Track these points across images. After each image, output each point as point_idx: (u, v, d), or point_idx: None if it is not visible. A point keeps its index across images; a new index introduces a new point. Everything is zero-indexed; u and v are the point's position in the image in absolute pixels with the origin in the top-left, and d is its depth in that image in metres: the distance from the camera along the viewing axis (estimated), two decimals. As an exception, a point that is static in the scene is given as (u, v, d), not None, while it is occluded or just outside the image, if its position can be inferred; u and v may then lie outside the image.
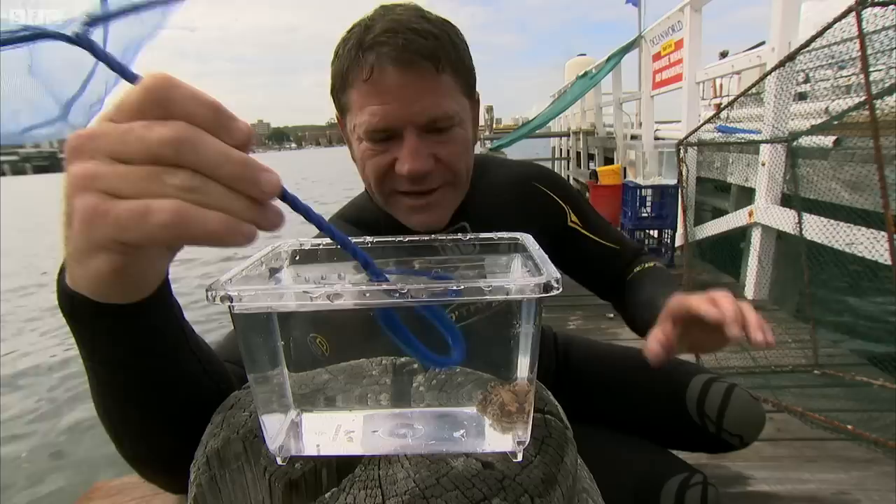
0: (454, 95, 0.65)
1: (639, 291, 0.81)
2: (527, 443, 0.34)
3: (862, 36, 1.32)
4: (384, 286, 0.27)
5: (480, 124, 0.88)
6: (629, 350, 0.95)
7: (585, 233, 0.86)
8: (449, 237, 0.40)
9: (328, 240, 0.41)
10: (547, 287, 0.28)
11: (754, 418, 0.83)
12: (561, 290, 0.28)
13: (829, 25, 1.46)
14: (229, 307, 0.29)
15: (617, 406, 0.89)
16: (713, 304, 0.53)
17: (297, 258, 0.40)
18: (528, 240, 0.38)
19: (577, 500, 0.41)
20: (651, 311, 0.69)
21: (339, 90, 0.67)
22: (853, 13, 1.33)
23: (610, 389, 0.91)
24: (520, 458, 0.34)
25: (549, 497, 0.33)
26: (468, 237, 0.40)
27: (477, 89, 0.73)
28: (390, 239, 0.41)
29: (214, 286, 0.29)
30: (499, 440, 0.35)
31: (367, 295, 0.27)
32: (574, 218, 0.86)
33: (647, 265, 0.85)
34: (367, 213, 0.78)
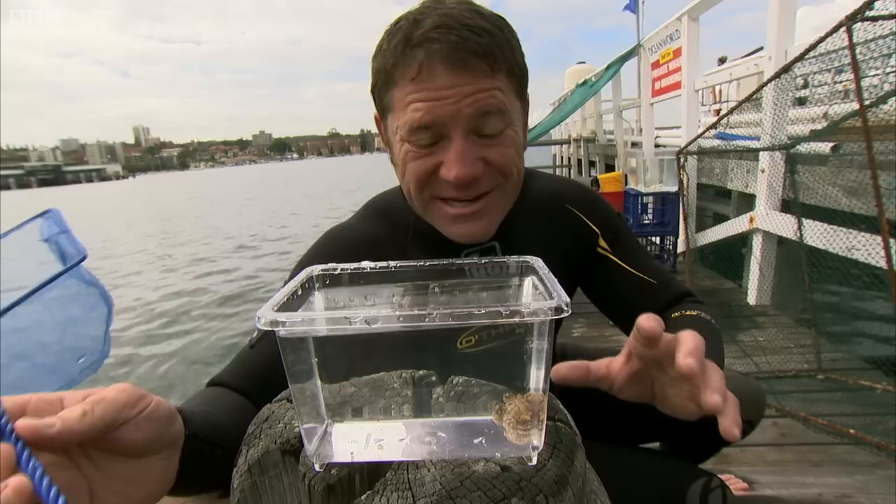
0: (507, 97, 0.61)
1: None
2: (540, 448, 0.38)
3: (853, 49, 1.37)
4: (416, 310, 0.31)
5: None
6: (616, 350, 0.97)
7: (615, 259, 0.77)
8: (465, 261, 0.44)
9: (354, 265, 0.46)
10: (558, 310, 0.31)
11: (749, 392, 0.78)
12: (570, 312, 0.32)
13: (821, 39, 1.51)
14: (276, 332, 0.33)
15: (614, 405, 0.92)
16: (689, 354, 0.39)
17: (328, 282, 0.44)
18: (537, 262, 0.42)
19: (586, 500, 0.44)
20: None
21: (382, 88, 0.62)
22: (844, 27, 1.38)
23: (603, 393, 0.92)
24: (534, 461, 0.37)
25: (561, 496, 0.37)
26: (483, 260, 0.44)
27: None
28: (412, 263, 0.44)
29: (263, 313, 0.33)
30: (515, 446, 0.38)
31: (401, 319, 0.31)
32: (603, 243, 0.78)
33: (688, 312, 0.72)
34: (397, 211, 0.74)
